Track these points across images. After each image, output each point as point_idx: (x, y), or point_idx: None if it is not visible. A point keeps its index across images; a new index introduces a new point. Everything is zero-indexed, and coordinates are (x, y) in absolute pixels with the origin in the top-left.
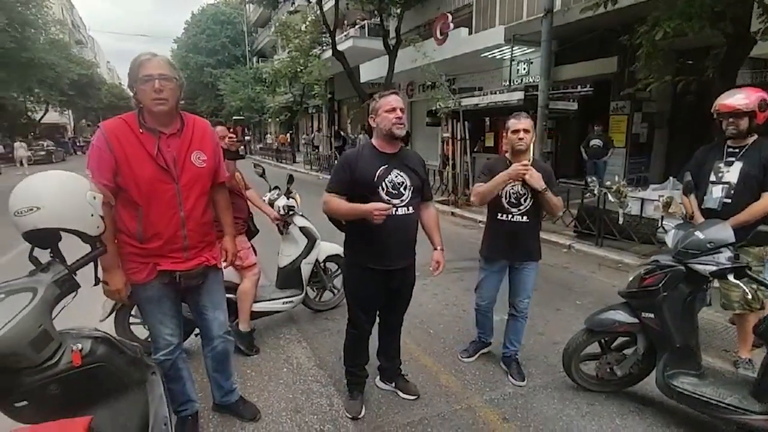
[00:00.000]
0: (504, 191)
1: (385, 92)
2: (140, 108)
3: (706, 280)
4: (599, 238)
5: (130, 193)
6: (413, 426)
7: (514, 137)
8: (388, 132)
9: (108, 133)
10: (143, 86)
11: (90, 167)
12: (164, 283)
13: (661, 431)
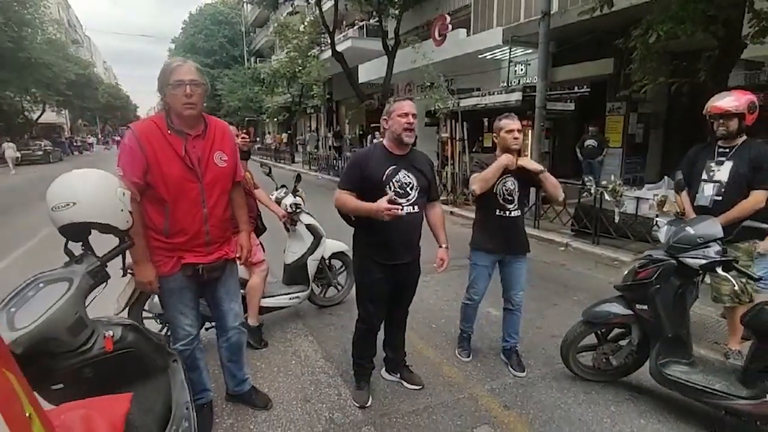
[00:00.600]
0: (497, 189)
1: (400, 97)
2: (167, 111)
3: (696, 273)
4: (596, 236)
5: (158, 191)
6: (418, 414)
7: (509, 137)
8: (398, 136)
9: (139, 134)
10: (174, 91)
11: (121, 165)
12: (187, 275)
13: (654, 418)
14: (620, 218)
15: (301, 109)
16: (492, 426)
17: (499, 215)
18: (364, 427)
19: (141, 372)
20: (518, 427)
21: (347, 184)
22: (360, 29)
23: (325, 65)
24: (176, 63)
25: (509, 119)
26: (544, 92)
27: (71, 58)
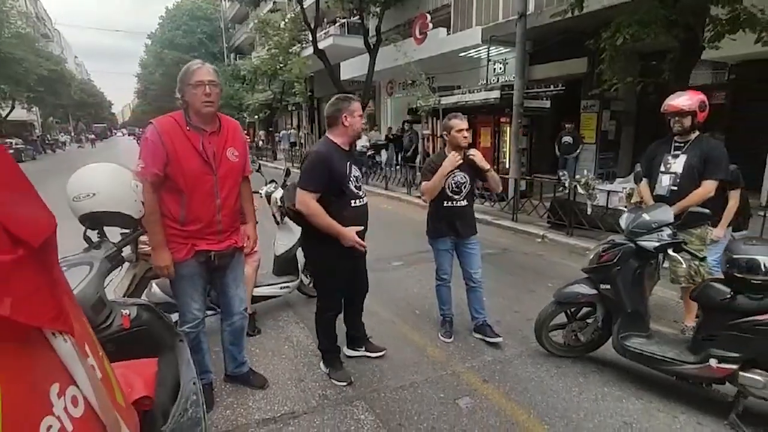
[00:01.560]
0: (447, 183)
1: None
2: (185, 109)
3: (652, 254)
4: (570, 228)
5: (177, 182)
6: (405, 389)
7: (459, 135)
8: (355, 135)
9: (161, 129)
10: (195, 90)
11: (143, 158)
12: (200, 261)
13: (617, 386)
14: (592, 210)
15: (283, 106)
16: (473, 397)
17: (447, 206)
18: (355, 401)
19: (153, 348)
20: (496, 398)
21: (316, 186)
22: (341, 27)
23: (306, 62)
24: (196, 66)
25: (459, 119)
26: (521, 90)
27: (42, 53)
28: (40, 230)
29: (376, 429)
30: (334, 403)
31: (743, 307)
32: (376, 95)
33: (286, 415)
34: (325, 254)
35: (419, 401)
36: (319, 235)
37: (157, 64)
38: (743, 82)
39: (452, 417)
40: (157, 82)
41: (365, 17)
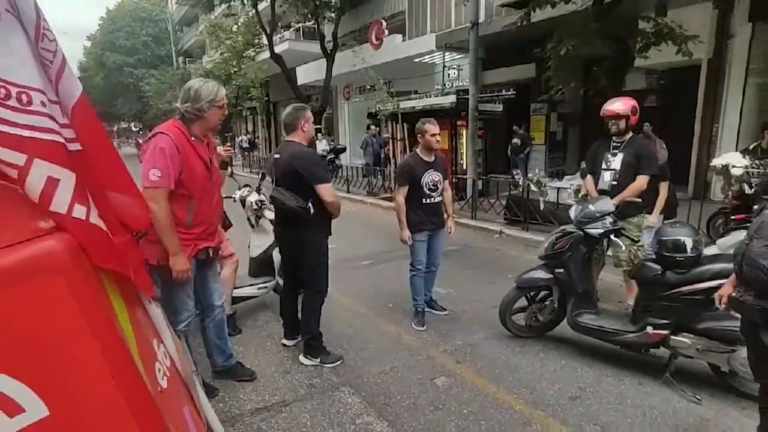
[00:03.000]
0: (424, 182)
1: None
2: (189, 120)
3: (597, 240)
4: (525, 223)
5: (187, 189)
6: (386, 373)
7: (433, 140)
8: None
9: (176, 139)
10: (219, 110)
11: (160, 168)
12: (199, 259)
13: (572, 359)
14: (545, 206)
15: (237, 111)
16: (448, 377)
17: (426, 203)
18: (341, 387)
19: None
20: (469, 376)
21: (329, 176)
22: (296, 31)
23: (262, 67)
24: (221, 88)
25: (432, 124)
26: (476, 95)
27: None
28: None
29: (363, 409)
30: (322, 391)
31: (671, 281)
32: (333, 100)
33: (277, 404)
34: (323, 246)
35: (400, 383)
36: (318, 229)
37: (97, 68)
38: (671, 87)
39: (431, 394)
40: (98, 87)
41: (321, 22)
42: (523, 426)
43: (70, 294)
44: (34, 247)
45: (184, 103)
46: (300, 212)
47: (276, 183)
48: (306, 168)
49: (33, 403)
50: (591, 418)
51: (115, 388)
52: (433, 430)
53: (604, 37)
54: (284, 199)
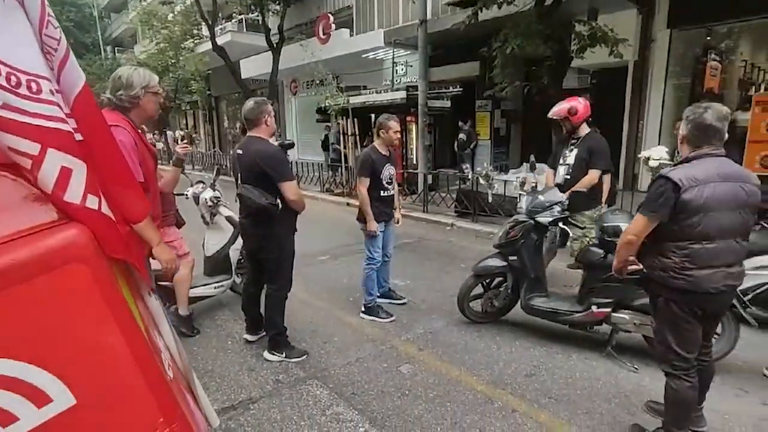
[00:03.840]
0: (383, 175)
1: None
2: (126, 109)
3: (546, 228)
4: (474, 215)
5: (146, 180)
6: (352, 364)
7: (395, 136)
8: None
9: (131, 130)
10: (153, 98)
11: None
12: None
13: (526, 339)
14: (493, 199)
15: (176, 105)
16: (412, 364)
17: (383, 195)
18: (308, 381)
19: None
20: (432, 362)
21: (292, 175)
22: (239, 23)
23: (203, 59)
24: (153, 75)
25: (394, 121)
26: (425, 91)
27: None
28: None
29: (332, 400)
30: (289, 385)
31: (612, 264)
32: (279, 94)
33: (245, 401)
34: (289, 242)
35: (366, 373)
36: (285, 224)
37: None
38: (602, 86)
39: (397, 381)
40: None
41: (265, 15)
42: (485, 404)
43: (95, 283)
44: (59, 237)
45: (116, 92)
46: (270, 209)
47: (240, 179)
48: (272, 166)
49: (60, 392)
50: (545, 392)
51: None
52: (402, 414)
53: (546, 38)
54: (253, 197)
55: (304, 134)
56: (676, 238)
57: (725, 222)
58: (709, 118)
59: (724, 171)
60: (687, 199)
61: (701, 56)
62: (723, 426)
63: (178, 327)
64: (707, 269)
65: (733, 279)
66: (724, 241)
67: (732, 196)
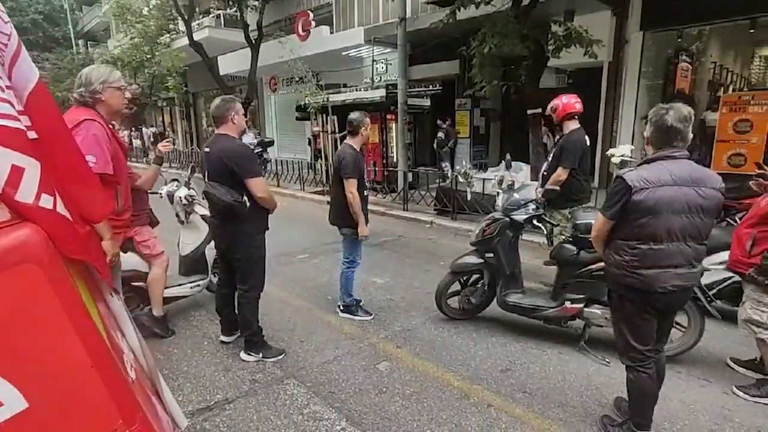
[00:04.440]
0: (364, 174)
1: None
2: (91, 104)
3: (522, 225)
4: (454, 213)
5: (116, 174)
6: (329, 363)
7: (369, 133)
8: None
9: (104, 125)
10: (117, 92)
11: (93, 153)
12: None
13: (502, 335)
14: (472, 197)
15: (152, 101)
16: (390, 361)
17: (365, 194)
18: (285, 380)
19: None
20: (409, 358)
21: (260, 171)
22: (216, 18)
23: (179, 54)
24: (115, 70)
25: (368, 118)
26: (405, 90)
27: None
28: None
29: (310, 399)
30: (266, 385)
31: (584, 260)
32: (258, 92)
33: (221, 402)
34: (259, 241)
35: (344, 371)
36: (255, 223)
37: None
38: (578, 86)
39: (375, 379)
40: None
41: (244, 10)
42: (461, 400)
43: (49, 284)
44: (10, 237)
45: (77, 89)
46: (236, 207)
47: (207, 177)
48: (237, 162)
49: (11, 396)
50: (520, 387)
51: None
52: (379, 412)
53: (523, 38)
54: (218, 194)
55: (284, 132)
56: (628, 237)
57: (675, 225)
58: (669, 120)
59: (679, 174)
60: (637, 200)
61: (673, 58)
62: (689, 415)
63: (153, 328)
64: (655, 269)
65: (683, 279)
66: (674, 243)
67: (683, 200)
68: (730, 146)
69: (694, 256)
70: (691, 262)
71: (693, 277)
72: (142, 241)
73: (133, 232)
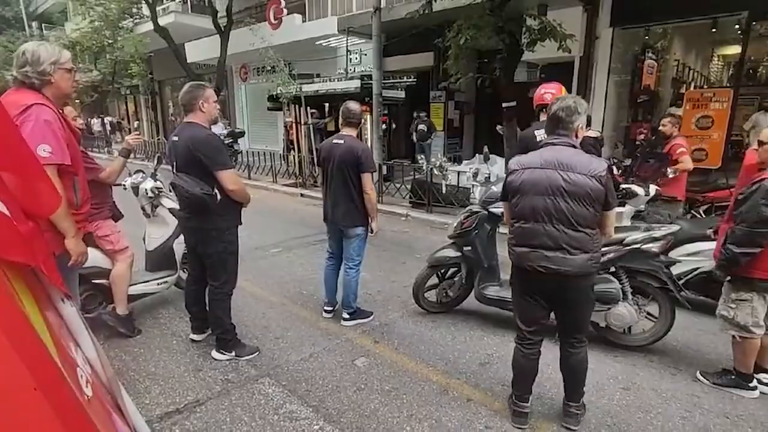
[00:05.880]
0: None
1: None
2: (38, 87)
3: (500, 218)
4: (429, 206)
5: (73, 164)
6: (306, 360)
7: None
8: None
9: (56, 110)
10: (66, 74)
11: (48, 142)
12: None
13: (479, 328)
14: (447, 189)
15: (115, 89)
16: (368, 357)
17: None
18: (260, 379)
19: None
20: (387, 353)
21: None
22: (183, 3)
23: (143, 40)
24: (66, 51)
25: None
26: (379, 81)
27: None
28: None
29: (286, 398)
30: (239, 384)
31: None
32: (228, 81)
33: (191, 404)
34: (232, 235)
35: (321, 368)
36: (227, 216)
37: None
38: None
39: (353, 375)
40: None
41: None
42: (440, 395)
43: None
44: None
45: (20, 68)
46: (205, 199)
47: (176, 168)
48: (205, 153)
49: None
50: (499, 380)
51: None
52: (357, 409)
53: (498, 31)
54: (187, 186)
55: (255, 122)
56: (510, 216)
57: (538, 205)
58: (554, 108)
59: (547, 158)
60: (509, 180)
61: (640, 54)
62: (662, 403)
63: (117, 327)
64: (524, 247)
65: (554, 263)
66: (538, 223)
67: (545, 182)
68: (692, 141)
69: (567, 242)
70: (562, 246)
71: (568, 263)
72: (104, 236)
73: (93, 226)
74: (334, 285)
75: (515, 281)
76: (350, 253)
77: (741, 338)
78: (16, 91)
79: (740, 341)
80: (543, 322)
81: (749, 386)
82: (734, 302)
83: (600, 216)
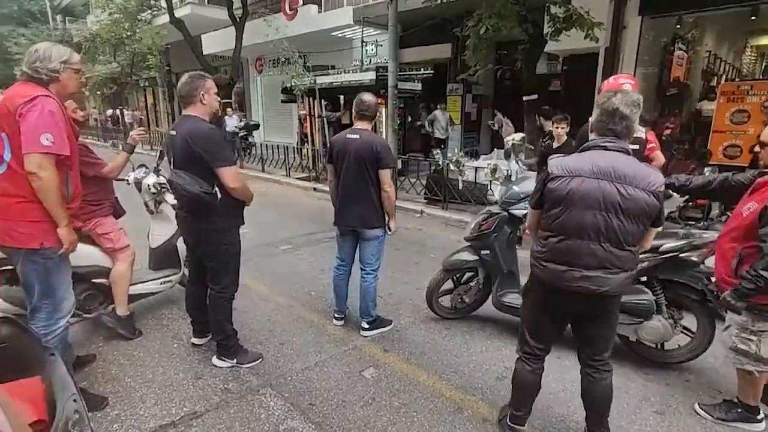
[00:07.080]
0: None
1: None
2: (44, 83)
3: (521, 220)
4: (445, 202)
5: (71, 159)
6: (311, 369)
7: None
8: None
9: (60, 103)
10: (74, 75)
11: (51, 132)
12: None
13: (497, 338)
14: (463, 186)
15: (134, 81)
16: (377, 368)
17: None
18: (261, 390)
19: (18, 368)
20: (398, 364)
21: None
22: None
23: (161, 32)
24: (76, 54)
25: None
26: (395, 73)
27: None
28: None
29: (287, 413)
30: (239, 395)
31: None
32: (244, 73)
33: (187, 416)
34: (233, 237)
35: (326, 379)
36: (228, 216)
37: None
38: (572, 72)
39: (360, 388)
40: None
41: None
42: (454, 414)
43: None
44: None
45: (31, 64)
46: (204, 198)
47: (173, 164)
48: (205, 148)
49: None
50: None
51: None
52: (363, 427)
53: (522, 20)
54: (184, 183)
55: (270, 115)
56: (543, 227)
57: (587, 221)
58: (616, 102)
59: (601, 166)
60: (550, 188)
61: (669, 45)
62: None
63: (117, 329)
64: (561, 265)
65: (593, 284)
66: (585, 242)
67: (598, 195)
68: (726, 137)
69: (612, 261)
70: (606, 266)
71: (608, 283)
72: (103, 234)
73: (93, 223)
74: (345, 293)
75: (535, 297)
76: (368, 257)
77: (759, 373)
78: (23, 84)
79: (757, 376)
80: (556, 339)
81: (757, 419)
82: (755, 334)
83: (645, 231)
